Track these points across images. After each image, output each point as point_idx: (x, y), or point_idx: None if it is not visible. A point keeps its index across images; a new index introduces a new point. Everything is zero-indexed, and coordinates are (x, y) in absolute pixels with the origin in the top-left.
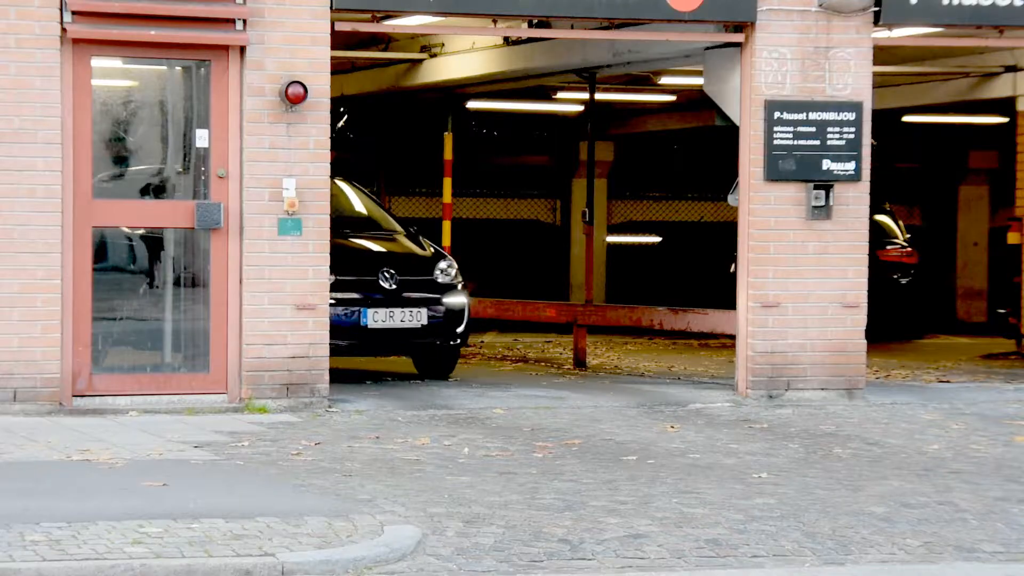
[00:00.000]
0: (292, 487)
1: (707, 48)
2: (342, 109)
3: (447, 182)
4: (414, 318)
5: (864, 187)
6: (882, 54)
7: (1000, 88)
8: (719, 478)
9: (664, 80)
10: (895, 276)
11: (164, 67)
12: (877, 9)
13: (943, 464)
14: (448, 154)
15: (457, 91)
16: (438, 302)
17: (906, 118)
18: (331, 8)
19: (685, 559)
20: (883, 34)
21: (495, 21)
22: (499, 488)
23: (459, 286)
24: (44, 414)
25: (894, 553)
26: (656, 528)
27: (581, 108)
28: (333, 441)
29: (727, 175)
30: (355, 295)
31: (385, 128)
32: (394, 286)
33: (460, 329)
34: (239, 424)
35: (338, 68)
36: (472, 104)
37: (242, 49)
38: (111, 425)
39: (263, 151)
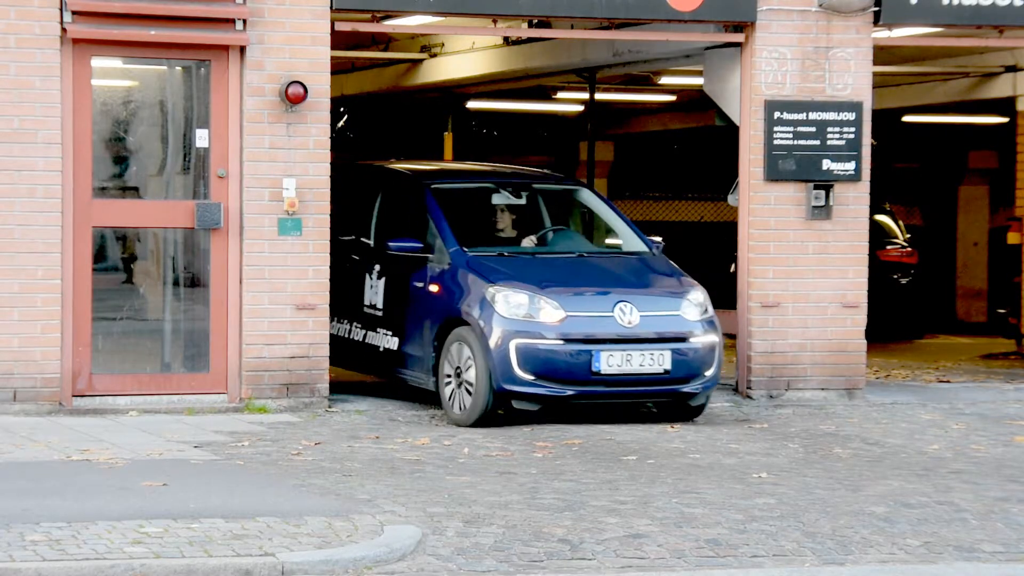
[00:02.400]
0: (292, 487)
1: (707, 48)
2: (342, 109)
3: None
4: (656, 362)
5: (864, 187)
6: (882, 54)
7: (1000, 88)
8: (719, 478)
9: (664, 80)
10: (895, 276)
11: (164, 67)
12: (877, 9)
13: (943, 464)
14: (448, 154)
15: (457, 91)
16: (684, 340)
17: (906, 118)
18: (331, 8)
19: (685, 559)
20: (883, 34)
21: (495, 21)
22: (499, 488)
23: (710, 321)
24: (44, 414)
25: (894, 553)
26: (656, 528)
27: (581, 108)
28: (333, 441)
29: (727, 175)
30: (585, 334)
31: (385, 128)
32: (633, 323)
33: (710, 372)
34: (239, 424)
35: (338, 68)
36: (472, 104)
37: (242, 49)
38: (111, 425)
39: (263, 151)
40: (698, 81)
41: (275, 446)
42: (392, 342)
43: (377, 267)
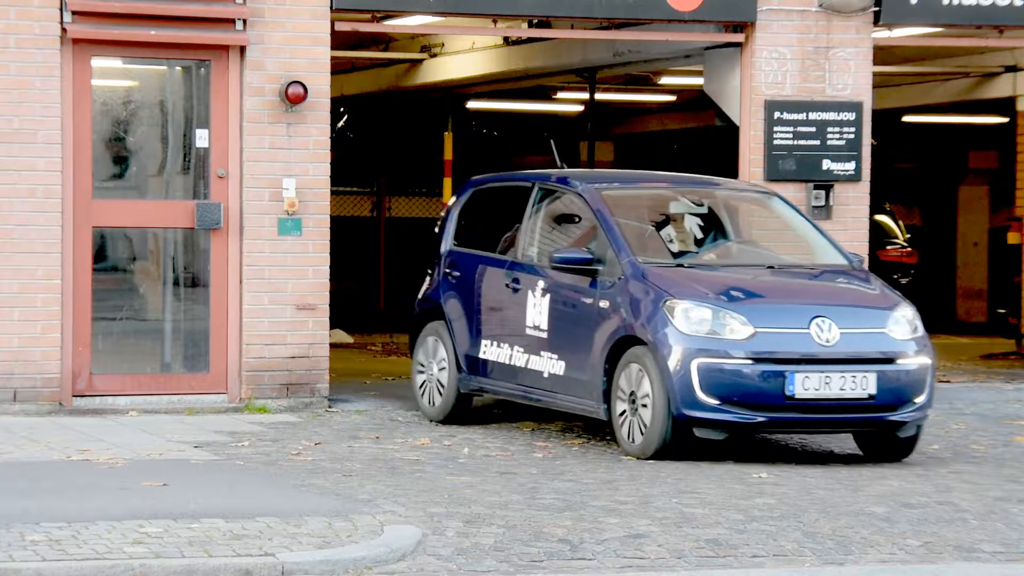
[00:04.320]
0: (292, 487)
1: (707, 48)
2: (342, 109)
3: (447, 182)
4: (858, 385)
5: (864, 187)
6: (882, 54)
7: (1000, 88)
8: (719, 478)
9: (664, 80)
10: (895, 276)
11: (164, 67)
12: (877, 9)
13: (943, 464)
14: (448, 154)
15: (457, 91)
16: (891, 361)
17: (906, 118)
18: (331, 8)
19: (685, 559)
20: (883, 34)
21: (495, 21)
22: (499, 488)
23: (921, 341)
24: (44, 414)
25: (894, 553)
26: (656, 528)
27: (581, 108)
28: (333, 441)
29: (727, 175)
30: (777, 352)
31: (385, 128)
32: (832, 341)
33: (921, 399)
34: (239, 424)
35: (338, 68)
36: (472, 104)
37: (242, 49)
38: (111, 425)
39: (263, 151)
40: (698, 81)
41: (275, 446)
42: (558, 366)
43: (541, 284)
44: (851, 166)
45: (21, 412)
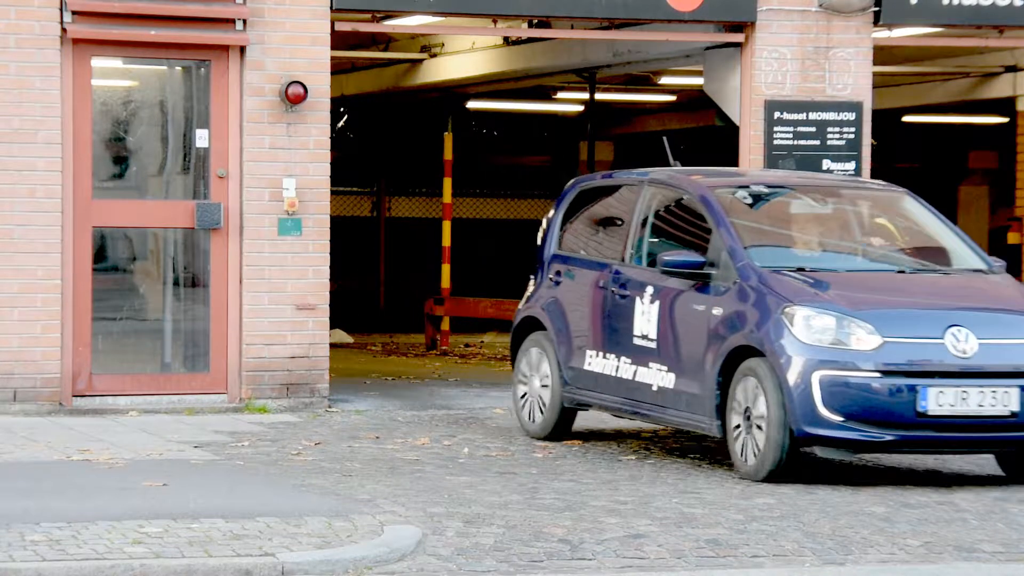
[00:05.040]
0: (292, 487)
1: (707, 48)
2: (342, 109)
3: (447, 182)
4: (999, 401)
5: None
6: (882, 54)
7: (1000, 88)
8: (719, 478)
9: (664, 80)
10: None
11: (164, 67)
12: (877, 9)
13: (943, 464)
14: (448, 154)
15: (457, 91)
16: None
17: (906, 118)
18: (331, 8)
19: (685, 559)
20: (883, 34)
21: (495, 21)
22: (499, 488)
23: None
24: (44, 414)
25: (894, 553)
26: (656, 528)
27: (581, 108)
28: (333, 441)
29: None
30: (907, 364)
31: (385, 128)
32: (969, 352)
33: None
34: (239, 424)
35: (338, 68)
36: (472, 104)
37: (242, 49)
38: (111, 425)
39: (263, 151)
40: (698, 81)
41: (275, 446)
42: (667, 379)
43: (650, 290)
44: (851, 166)
45: (21, 412)
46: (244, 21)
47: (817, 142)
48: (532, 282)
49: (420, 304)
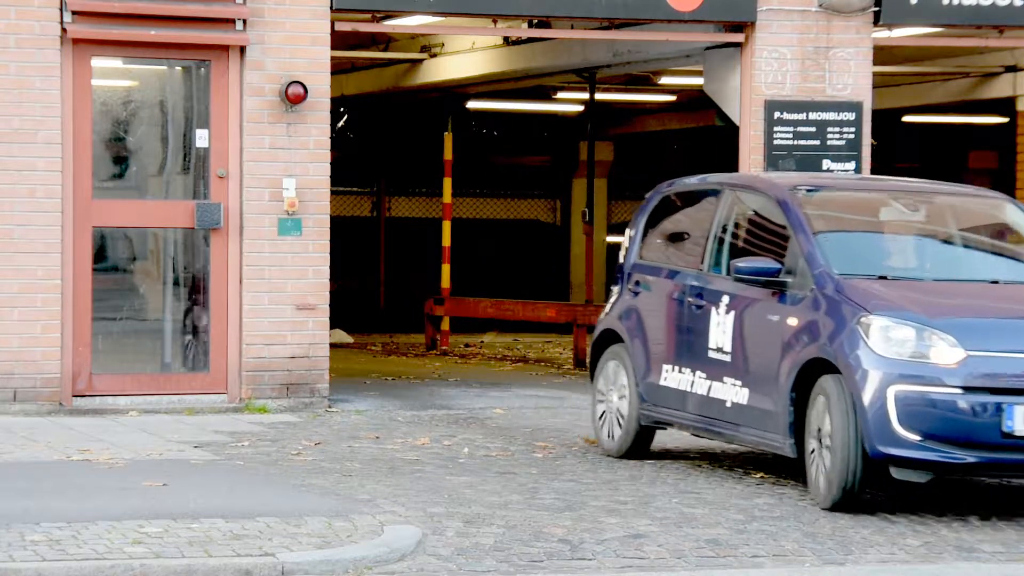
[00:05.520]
0: (292, 487)
1: (707, 48)
2: (342, 109)
3: (447, 182)
4: None
5: None
6: (882, 54)
7: (1000, 88)
8: (719, 478)
9: (664, 80)
10: None
11: (164, 67)
12: (877, 9)
13: None
14: (448, 154)
15: (457, 91)
16: None
17: (906, 118)
18: (331, 8)
19: (685, 559)
20: (883, 34)
21: (495, 21)
22: (499, 488)
23: None
24: (44, 414)
25: (894, 553)
26: (656, 528)
27: (581, 108)
28: (333, 441)
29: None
30: (993, 380)
31: (385, 128)
32: None
33: None
34: (239, 424)
35: (338, 68)
36: (472, 104)
37: (242, 49)
38: (111, 425)
39: (263, 151)
40: (698, 81)
41: (275, 446)
42: (741, 394)
43: (726, 299)
44: (851, 166)
45: (21, 412)
46: (244, 21)
47: (817, 142)
48: (614, 292)
49: (420, 304)
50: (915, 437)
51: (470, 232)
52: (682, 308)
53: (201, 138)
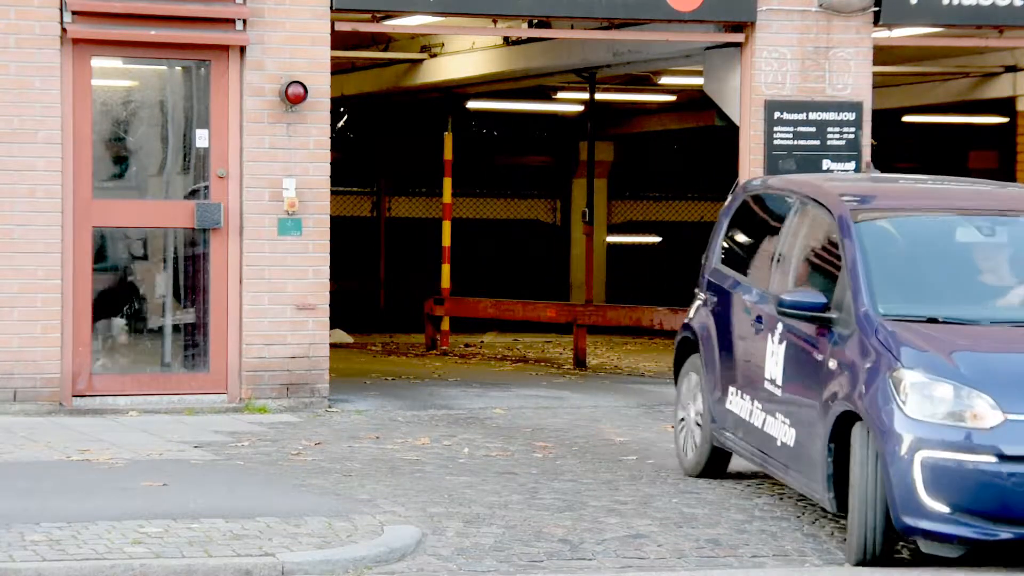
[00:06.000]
0: (292, 487)
1: (707, 48)
2: (342, 109)
3: (447, 182)
4: None
5: None
6: (882, 54)
7: (1000, 88)
8: (719, 478)
9: (664, 80)
10: None
11: (164, 67)
12: (877, 9)
13: None
14: (448, 154)
15: (457, 91)
16: None
17: (906, 118)
18: (331, 8)
19: (685, 559)
20: (883, 34)
21: (495, 21)
22: (499, 488)
23: None
24: (44, 414)
25: (895, 553)
26: (656, 528)
27: (581, 108)
28: (333, 441)
29: (727, 175)
30: None
31: (385, 128)
32: None
33: None
34: (239, 424)
35: (338, 68)
36: (472, 104)
37: (242, 49)
38: (111, 425)
39: (263, 151)
40: (698, 81)
41: (275, 446)
42: (789, 435)
43: (780, 327)
44: (851, 166)
45: (21, 412)
46: (244, 21)
47: (817, 142)
48: (697, 295)
49: (420, 304)
50: (944, 509)
51: (470, 232)
52: (746, 326)
53: (201, 138)
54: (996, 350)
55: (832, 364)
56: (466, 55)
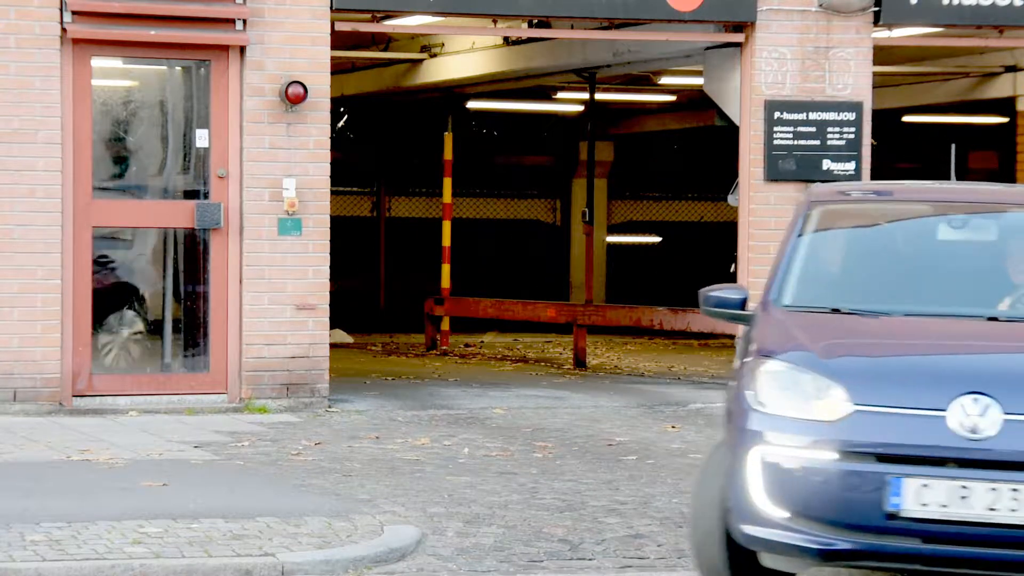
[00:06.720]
0: (292, 487)
1: (707, 48)
2: (342, 109)
3: (447, 182)
4: None
5: None
6: (882, 54)
7: (1000, 88)
8: None
9: (664, 80)
10: None
11: (164, 67)
12: (877, 9)
13: None
14: (448, 154)
15: (457, 91)
16: None
17: (906, 118)
18: (331, 8)
19: (685, 559)
20: (883, 34)
21: (495, 21)
22: (499, 488)
23: None
24: (44, 414)
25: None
26: (656, 528)
27: (581, 108)
28: (333, 441)
29: (727, 175)
30: (882, 443)
31: (385, 128)
32: (984, 431)
33: None
34: (239, 424)
35: (338, 68)
36: (472, 104)
37: (242, 49)
38: (111, 425)
39: (263, 151)
40: (698, 81)
41: (275, 446)
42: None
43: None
44: (851, 166)
45: (21, 412)
46: (244, 21)
47: (817, 142)
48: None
49: (420, 304)
50: (783, 514)
51: (470, 232)
52: None
53: (201, 138)
54: (876, 340)
55: (737, 364)
56: (466, 55)
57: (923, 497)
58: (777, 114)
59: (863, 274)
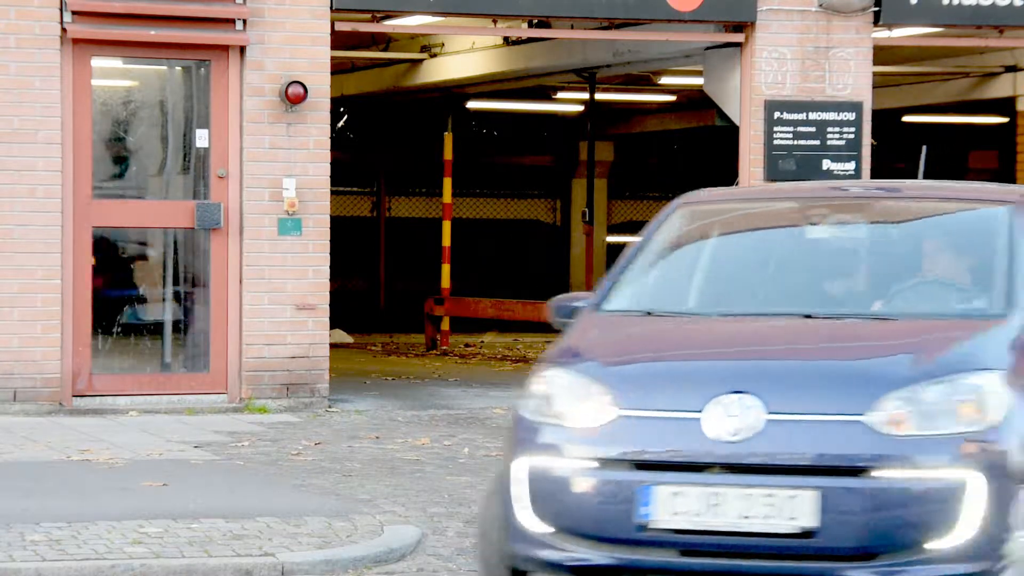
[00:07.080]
0: (292, 487)
1: (707, 48)
2: (342, 109)
3: (447, 182)
4: (779, 511)
5: None
6: (882, 54)
7: (1000, 88)
8: None
9: (664, 80)
10: None
11: (164, 67)
12: (877, 9)
13: None
14: (448, 154)
15: (457, 91)
16: (861, 472)
17: (906, 118)
18: (331, 8)
19: None
20: (883, 34)
21: (495, 21)
22: None
23: (953, 441)
24: (44, 414)
25: None
26: None
27: (581, 108)
28: (333, 441)
29: (727, 175)
30: (638, 450)
31: (385, 128)
32: (740, 433)
33: (937, 543)
34: (239, 424)
35: (338, 68)
36: (472, 104)
37: (242, 49)
38: (111, 425)
39: (263, 151)
40: (698, 81)
41: (275, 446)
42: None
43: None
44: (851, 166)
45: (21, 412)
46: (244, 21)
47: (817, 142)
48: None
49: (420, 304)
50: (547, 529)
51: (470, 232)
52: None
53: (201, 138)
54: (659, 343)
55: None
56: (466, 55)
57: (675, 506)
58: (777, 114)
59: (700, 274)
